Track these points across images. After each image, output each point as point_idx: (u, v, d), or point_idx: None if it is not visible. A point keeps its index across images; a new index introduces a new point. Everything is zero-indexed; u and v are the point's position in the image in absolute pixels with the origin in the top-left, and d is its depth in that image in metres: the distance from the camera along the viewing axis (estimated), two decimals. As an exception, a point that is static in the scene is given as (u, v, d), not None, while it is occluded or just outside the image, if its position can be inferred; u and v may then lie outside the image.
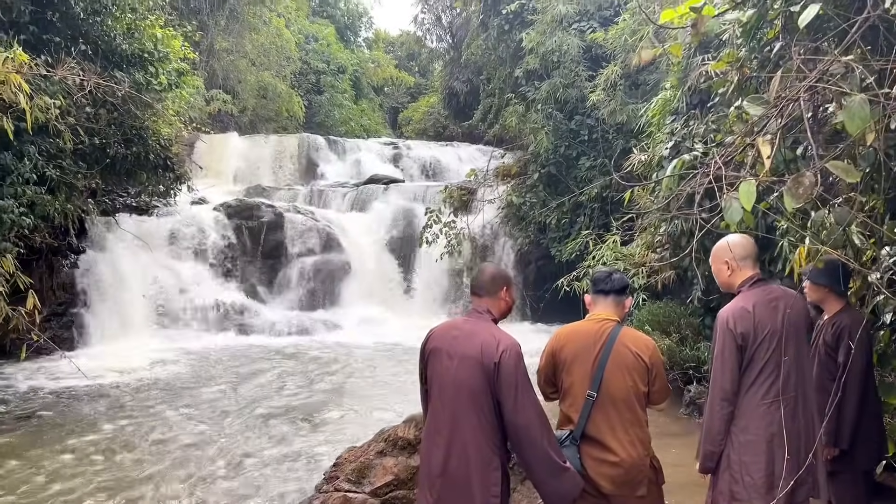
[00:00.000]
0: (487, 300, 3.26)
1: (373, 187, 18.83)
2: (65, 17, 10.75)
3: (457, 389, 3.06)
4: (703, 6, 4.42)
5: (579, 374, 3.27)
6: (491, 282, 3.28)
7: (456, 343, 3.13)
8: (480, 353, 3.03)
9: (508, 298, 3.30)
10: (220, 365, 11.10)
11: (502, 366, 2.99)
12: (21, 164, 9.94)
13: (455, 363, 3.08)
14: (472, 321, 3.21)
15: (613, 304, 3.42)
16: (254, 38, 26.81)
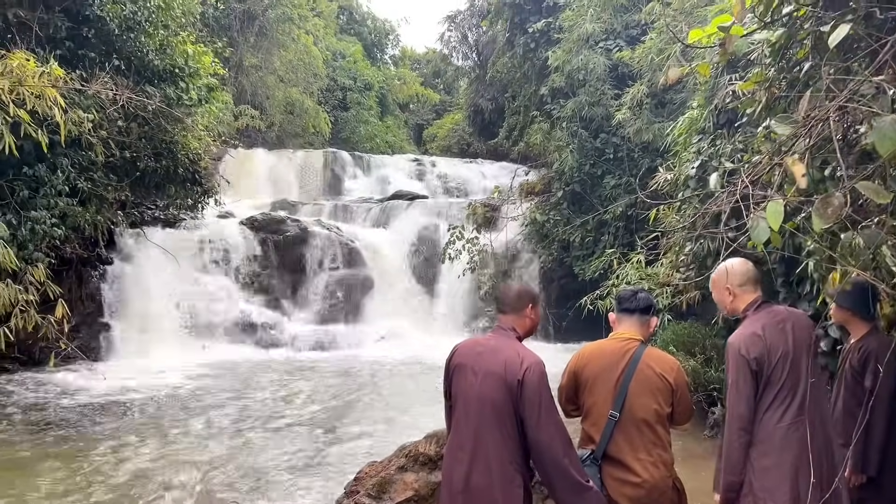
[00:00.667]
0: (512, 317, 3.26)
1: (397, 203, 18.92)
2: (100, 34, 11.02)
3: (480, 405, 3.06)
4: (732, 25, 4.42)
5: (602, 393, 3.24)
6: (516, 299, 3.28)
7: (480, 359, 3.13)
8: (504, 370, 3.02)
9: (534, 316, 3.30)
10: (242, 377, 11.17)
11: (526, 383, 2.98)
12: (54, 177, 10.16)
13: (479, 379, 3.08)
14: (497, 338, 3.21)
15: (638, 323, 3.40)
16: (282, 54, 27.18)
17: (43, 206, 10.00)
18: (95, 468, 6.79)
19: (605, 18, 14.04)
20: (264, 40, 25.87)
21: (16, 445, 7.48)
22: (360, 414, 9.16)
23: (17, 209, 9.64)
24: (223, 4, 20.56)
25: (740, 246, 3.37)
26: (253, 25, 25.04)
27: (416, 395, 10.35)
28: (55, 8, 10.42)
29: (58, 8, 10.45)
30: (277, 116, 27.32)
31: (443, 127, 35.06)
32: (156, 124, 11.91)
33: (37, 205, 9.95)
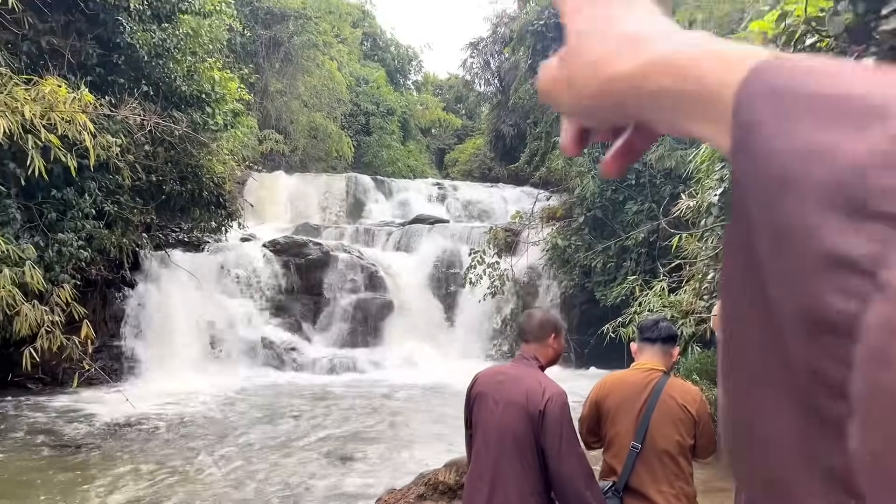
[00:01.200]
0: (535, 346, 3.24)
1: (418, 227, 18.98)
2: (129, 60, 11.26)
3: (501, 435, 3.04)
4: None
5: (623, 424, 3.21)
6: (539, 328, 3.26)
7: (501, 388, 3.11)
8: (526, 400, 3.00)
9: (556, 346, 3.27)
10: (263, 401, 11.19)
11: (547, 413, 2.96)
12: (82, 200, 10.34)
13: (500, 408, 3.06)
14: (519, 367, 3.19)
15: (660, 353, 3.36)
16: (307, 80, 27.57)
17: (70, 229, 10.18)
18: (112, 489, 6.82)
19: (627, 46, 14.10)
20: (289, 66, 26.28)
21: (36, 465, 7.54)
22: (379, 440, 9.12)
23: (44, 231, 9.81)
24: (249, 31, 20.95)
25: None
26: (278, 52, 25.46)
27: (435, 421, 10.30)
28: (87, 35, 10.68)
29: (90, 35, 10.71)
30: (301, 141, 27.65)
31: (464, 151, 35.23)
32: (182, 148, 12.11)
33: (64, 227, 10.12)
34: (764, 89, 0.36)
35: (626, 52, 0.45)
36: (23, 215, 9.49)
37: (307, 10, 25.93)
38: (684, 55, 0.42)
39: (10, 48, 9.80)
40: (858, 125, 0.31)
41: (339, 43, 31.58)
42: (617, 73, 0.45)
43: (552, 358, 3.28)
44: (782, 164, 0.33)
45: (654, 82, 0.43)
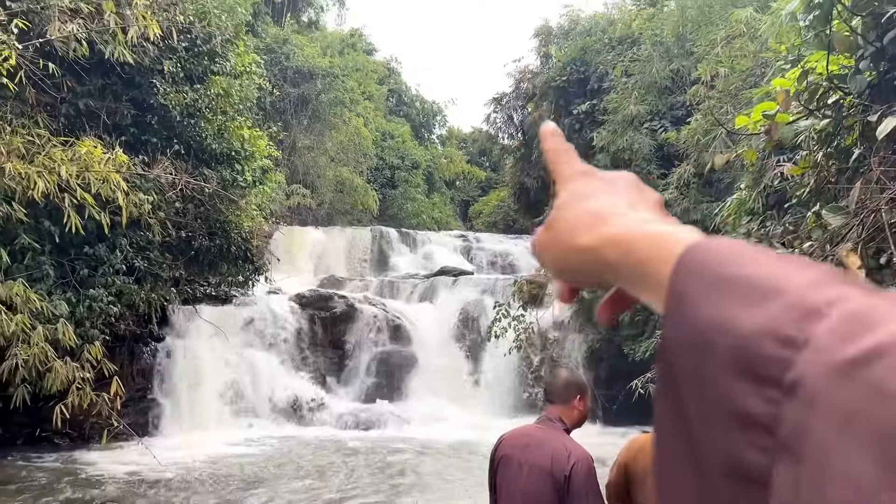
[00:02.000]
0: (560, 408, 3.20)
1: (442, 279, 19.00)
2: (162, 120, 11.60)
3: (525, 500, 2.99)
4: (777, 113, 4.44)
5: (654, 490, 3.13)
6: (564, 389, 3.22)
7: (527, 451, 3.06)
8: (551, 464, 2.95)
9: (582, 407, 3.23)
10: (288, 457, 11.11)
11: (573, 478, 2.91)
12: (113, 256, 10.54)
13: (525, 472, 3.01)
14: (544, 429, 3.14)
15: None
16: (334, 136, 28.12)
17: (101, 285, 10.35)
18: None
19: (650, 100, 14.22)
20: (317, 122, 26.86)
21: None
22: (404, 499, 8.98)
23: (76, 287, 9.99)
24: (279, 90, 21.53)
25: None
26: (306, 109, 26.07)
27: (460, 481, 10.12)
28: (123, 97, 11.06)
29: (125, 97, 11.09)
30: (328, 195, 28.05)
31: (488, 203, 35.44)
32: (211, 205, 12.35)
33: (95, 283, 10.30)
34: (692, 267, 0.43)
35: (589, 227, 0.53)
36: (56, 271, 9.69)
37: (334, 68, 26.61)
38: (631, 235, 0.50)
39: (50, 110, 10.16)
40: (756, 302, 0.38)
41: (365, 100, 32.27)
42: (579, 245, 0.53)
43: (578, 420, 3.23)
44: (700, 331, 0.39)
45: (605, 256, 0.51)
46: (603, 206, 0.54)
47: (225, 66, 12.41)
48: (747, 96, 9.90)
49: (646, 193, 0.57)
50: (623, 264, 0.49)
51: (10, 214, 8.51)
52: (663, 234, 0.48)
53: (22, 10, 8.99)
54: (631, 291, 0.51)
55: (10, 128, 8.87)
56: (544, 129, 0.65)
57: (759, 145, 4.98)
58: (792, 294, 0.37)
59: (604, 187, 0.57)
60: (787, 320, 0.36)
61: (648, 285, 0.47)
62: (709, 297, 0.40)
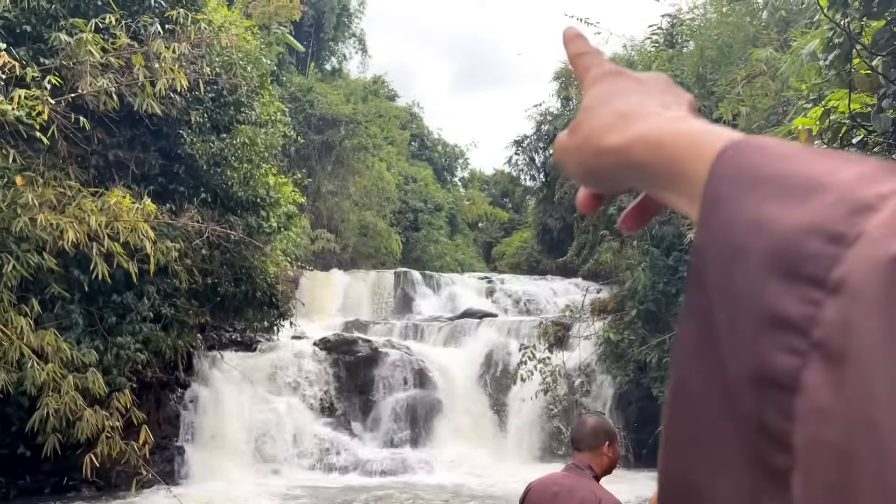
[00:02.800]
0: (588, 455, 3.13)
1: (466, 321, 18.91)
2: (189, 169, 11.84)
3: None
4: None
5: None
6: (592, 436, 3.16)
7: (556, 500, 3.00)
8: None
9: (612, 454, 3.15)
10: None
11: None
12: (140, 303, 10.67)
13: None
14: (573, 477, 3.08)
15: None
16: (357, 180, 28.47)
17: (128, 332, 10.46)
18: None
19: (671, 139, 14.22)
20: (340, 168, 27.23)
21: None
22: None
23: (104, 335, 10.10)
24: (303, 137, 21.89)
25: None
26: (330, 155, 26.46)
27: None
28: (151, 148, 11.32)
29: (153, 148, 11.35)
30: (352, 239, 28.27)
31: (511, 244, 35.46)
32: (237, 252, 12.49)
33: (123, 330, 10.42)
34: (730, 168, 0.40)
35: (617, 127, 0.50)
36: (84, 320, 9.82)
37: (358, 115, 27.07)
38: (663, 133, 0.46)
39: (80, 162, 10.42)
40: (798, 199, 0.35)
41: (388, 144, 32.72)
42: (606, 145, 0.50)
43: (607, 467, 3.16)
44: (735, 234, 0.37)
45: (635, 156, 0.48)
46: (633, 105, 0.51)
47: (250, 115, 12.67)
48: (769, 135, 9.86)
49: (679, 94, 0.53)
50: (652, 164, 0.46)
51: (42, 264, 8.67)
52: (698, 132, 0.45)
53: (55, 66, 9.29)
54: (659, 196, 0.48)
55: (43, 180, 9.10)
56: (567, 34, 0.61)
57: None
58: (840, 188, 0.35)
59: (634, 86, 0.53)
60: (836, 216, 0.34)
61: (680, 188, 0.44)
62: (746, 198, 0.37)
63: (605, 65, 0.57)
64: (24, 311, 8.49)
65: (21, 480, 10.70)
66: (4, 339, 7.91)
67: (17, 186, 8.58)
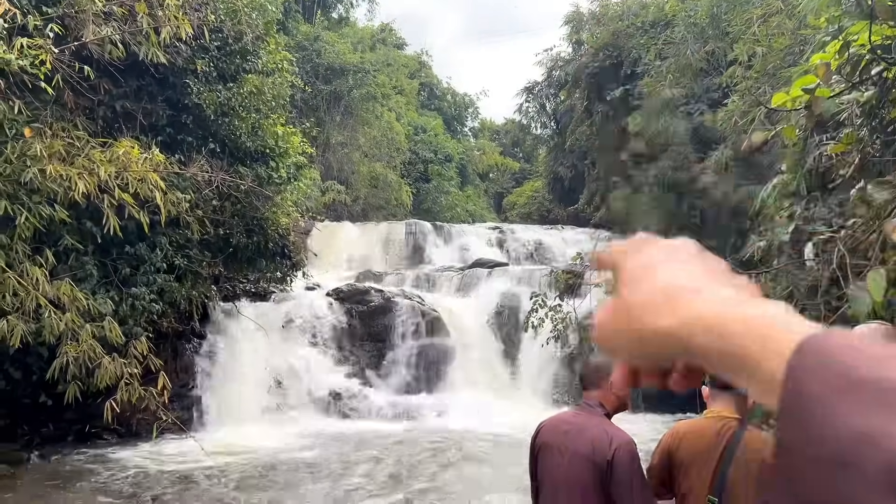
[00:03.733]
0: (597, 392, 3.14)
1: (478, 271, 18.96)
2: (197, 120, 11.75)
3: (569, 488, 2.94)
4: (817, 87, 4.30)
5: (699, 478, 3.04)
6: (595, 373, 3.16)
7: (567, 439, 3.02)
8: (592, 450, 2.90)
9: (619, 391, 3.17)
10: (328, 450, 11.21)
11: (615, 464, 2.85)
12: (153, 254, 10.72)
13: (566, 460, 2.97)
14: (584, 415, 3.09)
15: (735, 399, 3.18)
16: (366, 131, 28.26)
17: (143, 283, 10.54)
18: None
19: (685, 83, 13.96)
20: (350, 118, 27.01)
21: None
22: (446, 490, 8.99)
23: (119, 286, 10.19)
24: (311, 87, 21.66)
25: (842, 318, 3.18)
26: (339, 105, 26.22)
27: (500, 472, 10.11)
28: (158, 98, 11.22)
29: (160, 98, 11.25)
30: (362, 190, 28.22)
31: (522, 194, 35.29)
32: (248, 202, 12.47)
33: (137, 282, 10.49)
34: (815, 367, 0.40)
35: (666, 307, 0.50)
36: (99, 271, 9.89)
37: (365, 64, 26.70)
38: (724, 319, 0.46)
39: (88, 113, 10.35)
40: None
41: (397, 94, 32.36)
42: (658, 328, 0.50)
43: (618, 404, 3.15)
44: (839, 443, 0.36)
45: (695, 341, 0.48)
46: (676, 282, 0.51)
47: (257, 63, 12.51)
48: (786, 75, 9.64)
49: (711, 262, 0.54)
50: (715, 350, 0.47)
51: (54, 216, 8.70)
52: (761, 321, 0.45)
53: (57, 14, 9.16)
54: (720, 374, 0.48)
55: (51, 131, 9.06)
56: (596, 259, 0.64)
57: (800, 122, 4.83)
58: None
59: (666, 257, 0.54)
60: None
61: (748, 375, 0.44)
62: (843, 403, 0.37)
63: (633, 242, 0.59)
64: (39, 262, 8.57)
65: (44, 428, 10.96)
66: (21, 290, 8.00)
67: (25, 138, 8.56)
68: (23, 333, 7.96)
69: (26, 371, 9.66)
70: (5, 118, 8.50)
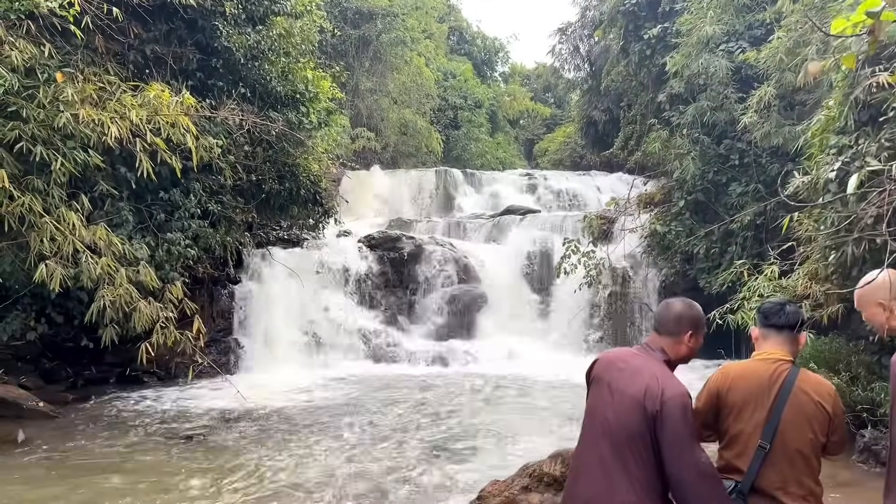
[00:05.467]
0: (667, 340, 2.98)
1: (509, 218, 18.82)
2: (227, 64, 11.63)
3: (614, 429, 2.84)
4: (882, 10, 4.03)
5: (751, 421, 2.92)
6: (675, 322, 2.98)
7: (621, 377, 2.90)
8: (643, 396, 2.78)
9: (693, 344, 2.98)
10: (363, 393, 11.35)
11: (665, 416, 2.73)
12: (187, 200, 10.76)
13: (615, 399, 2.87)
14: (643, 357, 2.95)
15: (787, 340, 3.04)
16: (395, 77, 27.86)
17: (178, 229, 10.61)
18: (220, 478, 7.05)
19: (726, 20, 13.41)
20: (378, 64, 26.62)
21: (160, 453, 7.90)
22: (477, 431, 9.06)
23: (154, 232, 10.27)
24: (339, 31, 21.31)
25: None
26: (368, 50, 25.82)
27: (534, 413, 10.15)
28: (187, 42, 11.10)
29: (189, 42, 11.12)
30: (392, 137, 27.98)
31: (554, 141, 34.73)
32: (279, 148, 12.42)
33: (172, 227, 10.56)
34: None
35: None
36: (134, 217, 9.96)
37: (394, 7, 26.18)
38: None
39: (119, 58, 10.29)
40: None
41: (425, 39, 31.75)
42: None
43: (685, 355, 3.00)
44: None
45: None
46: None
47: (285, 6, 12.28)
48: (835, 9, 9.18)
49: None
50: None
51: (88, 162, 8.73)
52: None
53: (84, -45, 9.02)
54: None
55: (83, 76, 9.02)
56: None
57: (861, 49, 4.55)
58: None
59: None
60: None
61: None
62: None
63: None
64: (75, 207, 8.63)
65: (87, 371, 11.25)
66: (58, 235, 8.08)
67: (57, 83, 8.54)
68: (62, 277, 8.07)
69: (67, 315, 9.85)
70: (37, 62, 8.47)
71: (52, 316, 9.75)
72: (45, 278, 8.02)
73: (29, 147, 8.19)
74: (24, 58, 8.22)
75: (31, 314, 9.50)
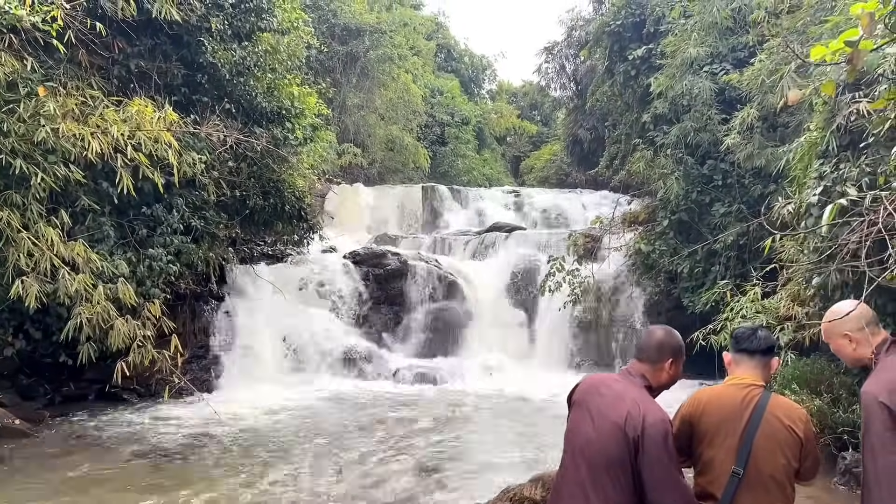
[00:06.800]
0: (647, 366, 2.99)
1: (494, 235, 18.83)
2: (212, 79, 11.58)
3: (594, 454, 2.83)
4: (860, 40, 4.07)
5: (723, 447, 2.92)
6: (656, 350, 2.99)
7: (602, 402, 2.90)
8: (624, 422, 2.78)
9: (672, 372, 2.99)
10: (345, 412, 11.24)
11: (646, 441, 2.72)
12: (170, 216, 10.66)
13: (596, 424, 2.86)
14: (624, 383, 2.95)
15: (759, 365, 3.04)
16: (383, 93, 27.93)
17: (159, 244, 10.50)
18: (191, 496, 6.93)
19: (710, 42, 13.54)
20: (366, 80, 26.68)
21: (125, 472, 7.76)
22: (462, 453, 8.98)
23: (136, 247, 10.16)
24: (327, 48, 21.36)
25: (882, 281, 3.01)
26: (355, 66, 25.88)
27: (517, 434, 10.09)
28: (172, 57, 11.05)
29: (174, 57, 11.08)
30: (378, 153, 28.00)
31: (540, 158, 34.90)
32: (263, 164, 12.36)
33: (154, 243, 10.45)
34: None
35: None
36: (116, 232, 9.85)
37: (382, 24, 26.28)
38: None
39: (102, 73, 10.22)
40: None
41: (413, 55, 31.88)
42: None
43: (665, 383, 3.01)
44: None
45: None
46: None
47: (272, 22, 12.27)
48: (816, 32, 9.30)
49: None
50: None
51: (69, 176, 8.63)
52: None
53: (69, -31, 8.98)
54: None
55: (65, 90, 8.95)
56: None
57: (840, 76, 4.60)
58: None
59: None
60: None
61: None
62: None
63: None
64: (55, 223, 8.53)
65: (65, 388, 11.08)
66: (36, 250, 7.98)
67: (39, 97, 8.46)
68: (38, 294, 7.95)
69: (46, 331, 9.70)
70: (18, 76, 8.39)
71: (30, 332, 9.60)
72: (21, 294, 7.90)
73: (9, 161, 8.10)
74: (6, 71, 8.15)
75: (9, 330, 9.36)
